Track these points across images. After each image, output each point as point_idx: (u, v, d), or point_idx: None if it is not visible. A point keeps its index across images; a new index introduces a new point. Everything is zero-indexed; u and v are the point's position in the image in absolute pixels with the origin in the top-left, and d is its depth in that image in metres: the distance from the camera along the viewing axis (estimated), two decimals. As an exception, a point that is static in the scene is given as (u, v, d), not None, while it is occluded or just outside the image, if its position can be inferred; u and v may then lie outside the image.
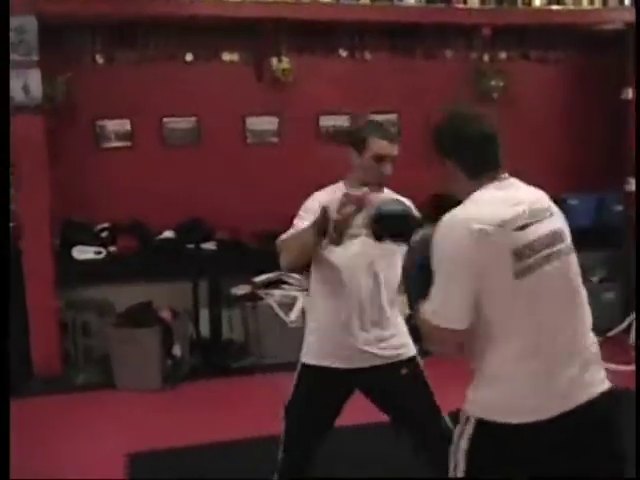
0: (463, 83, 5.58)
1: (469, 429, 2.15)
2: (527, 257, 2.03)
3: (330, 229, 2.62)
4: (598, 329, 2.24)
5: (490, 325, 2.07)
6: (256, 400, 4.47)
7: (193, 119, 5.39)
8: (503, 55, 5.70)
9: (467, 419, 2.16)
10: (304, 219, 2.79)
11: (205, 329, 5.17)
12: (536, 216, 2.07)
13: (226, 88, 5.35)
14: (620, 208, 5.92)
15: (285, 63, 5.29)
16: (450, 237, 2.05)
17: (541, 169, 5.80)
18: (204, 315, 5.17)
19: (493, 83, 5.61)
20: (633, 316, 5.53)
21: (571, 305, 2.13)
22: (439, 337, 2.10)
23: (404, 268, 2.28)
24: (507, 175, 2.17)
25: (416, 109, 5.42)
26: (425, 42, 5.55)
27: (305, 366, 2.92)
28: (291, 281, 4.95)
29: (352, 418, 3.08)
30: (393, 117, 5.47)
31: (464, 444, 2.16)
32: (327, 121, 5.35)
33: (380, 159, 2.78)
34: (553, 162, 5.92)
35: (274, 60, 5.29)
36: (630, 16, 5.57)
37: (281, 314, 4.87)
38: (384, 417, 3.01)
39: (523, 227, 2.04)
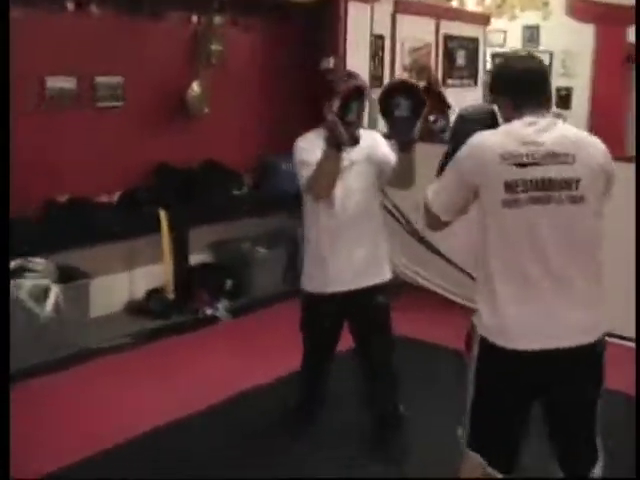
0: (187, 46, 5.43)
1: (475, 343, 2.44)
2: (518, 192, 2.28)
3: (342, 133, 3.02)
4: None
5: (484, 240, 2.39)
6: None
7: None
8: (218, 20, 5.58)
9: (474, 333, 2.45)
10: (311, 151, 3.21)
11: None
12: (549, 159, 2.29)
13: None
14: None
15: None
16: (462, 151, 2.41)
17: (254, 133, 5.98)
18: None
19: (213, 47, 5.50)
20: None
21: (569, 247, 2.32)
22: (428, 216, 2.53)
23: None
24: (546, 114, 2.40)
25: (141, 72, 5.18)
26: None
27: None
28: (38, 268, 4.40)
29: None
30: (119, 79, 5.11)
31: (474, 354, 2.45)
32: (54, 82, 4.75)
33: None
34: (265, 127, 6.06)
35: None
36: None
37: (33, 307, 4.33)
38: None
39: (525, 165, 2.29)
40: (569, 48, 8.83)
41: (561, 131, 2.37)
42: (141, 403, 4.12)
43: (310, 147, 3.26)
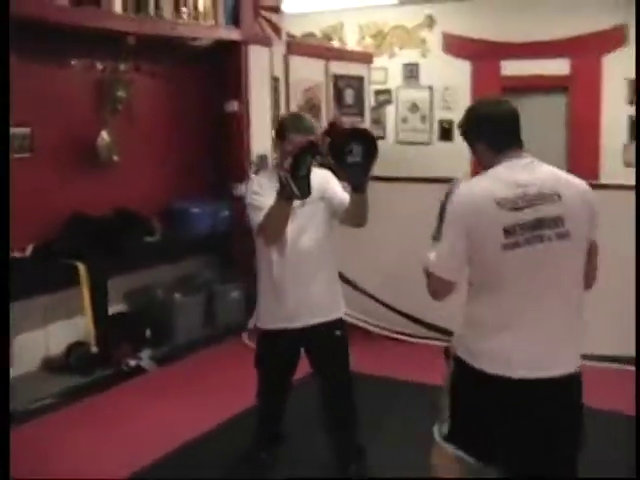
0: (93, 93, 5.34)
1: (453, 365, 2.57)
2: (517, 235, 2.38)
3: (293, 188, 3.04)
4: (228, 325, 2.73)
5: (478, 282, 2.48)
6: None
7: None
8: (122, 66, 5.51)
9: (452, 356, 2.57)
10: (262, 195, 3.25)
11: None
12: (538, 199, 2.40)
13: None
14: (227, 213, 6.29)
15: None
16: (454, 205, 2.47)
17: (162, 179, 5.92)
18: None
19: (119, 94, 5.43)
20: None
21: (555, 281, 2.43)
22: (436, 283, 2.53)
23: None
24: (525, 155, 2.50)
25: (49, 121, 5.06)
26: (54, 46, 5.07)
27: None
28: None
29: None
30: (26, 130, 4.96)
31: (448, 381, 2.59)
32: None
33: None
34: (172, 172, 6.01)
35: None
36: (227, 34, 5.96)
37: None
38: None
39: (519, 208, 2.38)
40: (448, 83, 9.25)
41: (543, 171, 2.50)
42: (79, 465, 3.95)
43: (261, 191, 3.30)
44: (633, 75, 8.19)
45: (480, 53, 8.97)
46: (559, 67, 8.58)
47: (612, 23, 8.15)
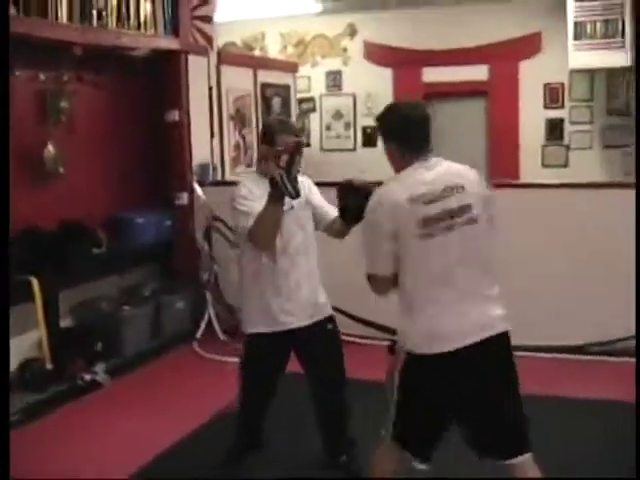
0: (36, 104, 5.24)
1: (400, 358, 2.76)
2: (430, 225, 2.64)
3: (284, 189, 3.07)
4: (175, 335, 2.68)
5: (405, 273, 2.71)
6: None
7: None
8: (65, 77, 5.43)
9: (399, 349, 2.76)
10: (252, 200, 3.27)
11: None
12: (445, 193, 2.67)
13: None
14: (169, 223, 6.27)
15: None
16: (372, 207, 2.75)
17: (106, 189, 5.86)
18: None
19: (62, 105, 5.35)
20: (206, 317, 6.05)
21: (471, 260, 2.71)
22: (376, 282, 2.78)
23: None
24: (432, 156, 2.76)
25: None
26: None
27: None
28: None
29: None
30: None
31: (397, 375, 2.76)
32: None
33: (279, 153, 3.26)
34: (116, 183, 5.95)
35: None
36: (168, 43, 5.96)
37: None
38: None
39: (431, 201, 2.65)
40: (370, 90, 9.44)
41: (447, 167, 2.78)
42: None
43: (251, 197, 3.32)
44: (550, 80, 8.64)
45: (401, 61, 9.21)
46: (478, 73, 8.90)
47: (529, 30, 8.52)
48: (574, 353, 5.36)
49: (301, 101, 9.54)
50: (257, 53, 9.64)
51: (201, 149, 6.36)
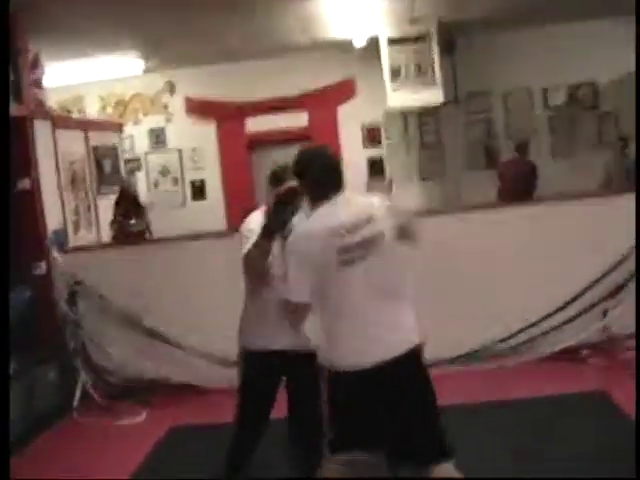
0: None
1: (325, 377, 3.03)
2: (347, 254, 2.92)
3: (274, 224, 3.21)
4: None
5: (324, 300, 2.96)
6: None
7: None
8: None
9: (323, 369, 3.03)
10: (253, 233, 3.38)
11: None
12: (356, 226, 2.94)
13: None
14: (28, 294, 6.04)
15: None
16: (292, 241, 2.98)
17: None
18: None
19: None
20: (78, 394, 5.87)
21: (383, 287, 2.97)
22: (292, 309, 3.00)
23: None
24: (342, 193, 3.02)
25: None
26: None
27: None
28: None
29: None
30: None
31: (325, 390, 3.04)
32: None
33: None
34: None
35: None
36: (13, 110, 5.79)
37: None
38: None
39: (345, 234, 2.92)
40: (195, 144, 9.62)
41: (356, 202, 3.07)
42: None
43: (256, 228, 3.44)
44: (366, 121, 9.25)
45: (223, 113, 9.48)
46: (299, 120, 9.36)
47: (343, 77, 9.10)
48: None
49: (126, 162, 9.50)
50: (75, 116, 9.50)
51: (54, 215, 6.21)
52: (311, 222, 3.01)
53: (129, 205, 6.92)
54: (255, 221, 3.57)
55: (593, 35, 8.77)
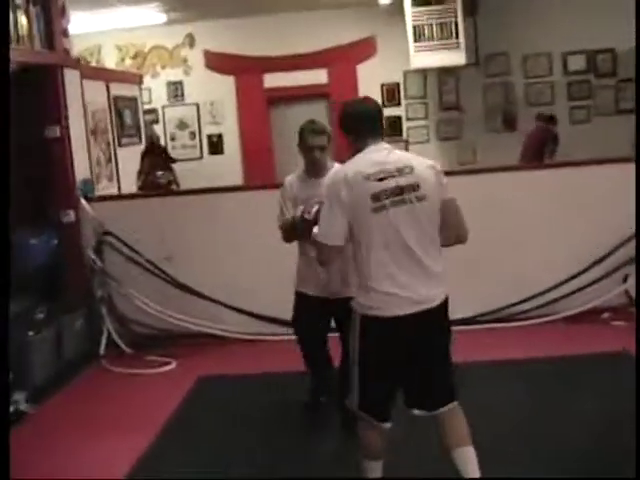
0: None
1: (357, 323, 3.13)
2: (382, 199, 3.01)
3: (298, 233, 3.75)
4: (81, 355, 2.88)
5: (360, 244, 3.06)
6: None
7: None
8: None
9: (355, 315, 3.13)
10: (285, 200, 4.02)
11: None
12: (395, 172, 3.03)
13: None
14: (56, 242, 6.08)
15: None
16: (330, 183, 3.10)
17: None
18: None
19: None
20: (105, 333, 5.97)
21: (419, 234, 3.06)
22: (324, 251, 3.11)
23: None
24: (384, 144, 3.14)
25: None
26: None
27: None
28: None
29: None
30: None
31: (356, 332, 3.13)
32: None
33: (310, 149, 3.94)
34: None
35: None
36: (45, 58, 5.79)
37: None
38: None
39: (382, 179, 3.00)
40: (213, 99, 9.59)
41: (397, 154, 3.18)
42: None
43: (286, 194, 4.07)
44: (386, 80, 9.23)
45: (242, 68, 9.44)
46: (318, 77, 9.34)
47: (363, 35, 9.07)
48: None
49: (144, 113, 9.49)
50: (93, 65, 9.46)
51: (82, 164, 6.23)
52: (349, 166, 3.10)
53: (158, 158, 6.93)
54: (289, 184, 4.06)
55: (614, 1, 8.74)
